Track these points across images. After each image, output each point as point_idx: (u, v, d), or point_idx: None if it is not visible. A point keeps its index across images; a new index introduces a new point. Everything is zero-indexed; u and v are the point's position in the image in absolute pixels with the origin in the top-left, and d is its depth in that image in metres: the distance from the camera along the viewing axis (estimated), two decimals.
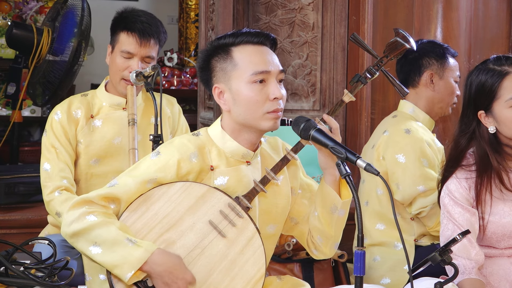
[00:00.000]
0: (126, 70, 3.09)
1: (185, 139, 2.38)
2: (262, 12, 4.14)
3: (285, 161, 2.40)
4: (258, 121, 2.33)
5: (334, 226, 2.43)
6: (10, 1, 6.01)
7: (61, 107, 3.14)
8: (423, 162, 3.25)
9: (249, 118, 2.33)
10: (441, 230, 2.68)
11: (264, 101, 2.31)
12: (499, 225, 2.63)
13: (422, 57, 3.41)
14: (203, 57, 2.39)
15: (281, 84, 2.37)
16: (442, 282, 2.33)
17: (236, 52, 2.34)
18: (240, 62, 2.32)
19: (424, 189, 3.23)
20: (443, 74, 3.41)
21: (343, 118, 4.23)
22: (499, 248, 2.68)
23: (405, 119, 3.38)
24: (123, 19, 3.12)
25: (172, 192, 2.30)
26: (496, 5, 4.28)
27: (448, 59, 3.42)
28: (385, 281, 3.33)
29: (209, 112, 4.22)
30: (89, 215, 2.23)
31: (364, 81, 2.50)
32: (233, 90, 2.33)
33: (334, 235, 2.45)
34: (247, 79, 2.31)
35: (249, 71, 2.31)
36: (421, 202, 3.24)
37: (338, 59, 4.19)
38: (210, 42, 2.42)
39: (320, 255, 2.53)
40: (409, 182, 3.24)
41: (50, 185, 3.04)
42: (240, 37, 2.35)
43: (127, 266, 2.18)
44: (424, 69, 3.41)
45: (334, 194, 2.37)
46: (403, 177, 3.25)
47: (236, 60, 2.33)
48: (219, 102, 2.37)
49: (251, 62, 2.32)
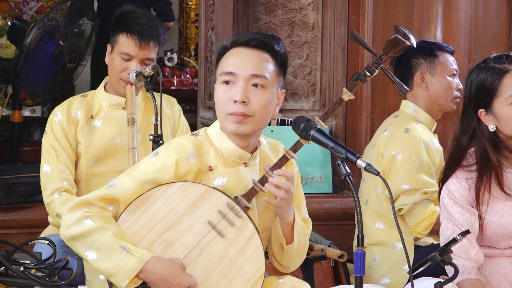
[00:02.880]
0: (124, 71, 3.09)
1: (183, 140, 2.38)
2: (262, 12, 4.14)
3: (284, 160, 2.40)
4: (222, 121, 2.37)
5: (285, 257, 2.49)
6: (10, 1, 6.01)
7: (60, 108, 3.14)
8: (414, 162, 3.26)
9: (219, 118, 2.38)
10: (441, 230, 2.68)
11: (226, 102, 2.34)
12: (499, 225, 2.62)
13: (411, 58, 3.44)
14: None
15: (257, 89, 2.34)
16: (442, 282, 2.33)
17: (228, 53, 2.39)
18: (220, 63, 2.39)
19: (408, 188, 3.25)
20: (435, 71, 3.42)
21: (343, 118, 4.23)
22: (499, 248, 2.68)
23: (406, 119, 3.39)
24: (123, 20, 3.11)
25: (170, 192, 2.30)
26: (496, 5, 4.28)
27: (437, 55, 3.43)
28: (385, 281, 3.33)
29: (209, 112, 4.21)
30: (87, 219, 2.24)
31: (363, 79, 2.50)
32: (213, 90, 2.42)
33: (284, 263, 2.52)
34: (218, 79, 2.37)
35: (219, 72, 2.37)
36: (402, 200, 3.27)
37: (338, 59, 4.19)
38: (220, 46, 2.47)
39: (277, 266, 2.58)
40: (397, 180, 3.26)
41: (50, 187, 3.04)
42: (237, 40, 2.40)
43: (121, 276, 2.20)
44: (415, 70, 3.43)
45: (280, 237, 2.43)
46: (394, 174, 3.27)
47: (220, 62, 2.39)
48: None
49: (223, 63, 2.37)
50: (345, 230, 3.77)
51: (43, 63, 4.47)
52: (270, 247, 2.52)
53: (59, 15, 4.52)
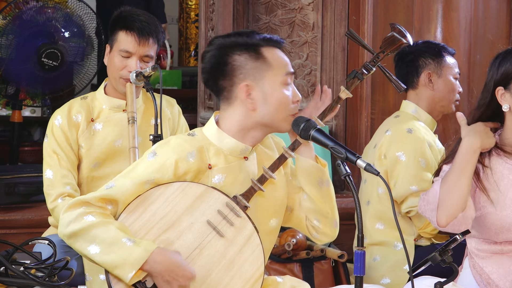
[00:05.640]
0: (124, 69, 3.08)
1: (181, 139, 2.37)
2: (262, 12, 4.14)
3: (283, 159, 2.40)
4: (282, 122, 2.35)
5: (327, 201, 2.45)
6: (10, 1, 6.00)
7: (61, 112, 3.13)
8: (420, 163, 3.26)
9: (276, 118, 2.34)
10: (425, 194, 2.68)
11: (291, 102, 2.36)
12: (498, 217, 2.62)
13: (418, 58, 3.42)
14: (222, 51, 2.36)
15: None
16: (442, 282, 2.33)
17: (267, 52, 2.35)
18: (274, 63, 2.34)
19: (416, 190, 3.24)
20: (441, 73, 3.42)
21: (343, 118, 4.24)
22: (498, 243, 2.67)
23: (407, 119, 3.39)
24: (122, 18, 3.11)
25: (169, 192, 2.30)
26: (496, 5, 4.29)
27: (444, 57, 3.43)
28: (385, 281, 3.33)
29: (209, 112, 4.22)
30: (87, 215, 2.23)
31: (360, 77, 2.50)
32: (266, 90, 2.33)
33: (329, 211, 2.47)
34: (280, 80, 2.34)
35: (283, 72, 2.34)
36: (411, 201, 3.26)
37: (338, 59, 4.19)
38: (227, 36, 2.40)
39: (323, 237, 2.52)
40: (404, 181, 3.25)
41: (53, 192, 3.03)
42: (267, 40, 2.37)
43: (127, 267, 2.18)
44: (422, 70, 3.42)
45: (317, 166, 2.41)
46: (401, 175, 3.26)
47: (269, 61, 2.34)
48: (245, 100, 2.34)
49: (282, 64, 2.35)
50: (345, 230, 3.75)
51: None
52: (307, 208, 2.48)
53: (59, 15, 4.53)
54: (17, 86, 4.74)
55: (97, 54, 4.80)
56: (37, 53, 4.50)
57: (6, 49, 4.48)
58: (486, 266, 2.68)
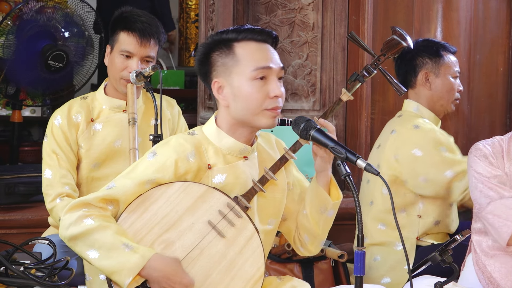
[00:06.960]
0: (125, 70, 3.07)
1: (181, 139, 2.37)
2: (262, 12, 4.14)
3: (284, 160, 2.40)
4: (256, 117, 2.32)
5: (322, 226, 2.44)
6: (10, 1, 6.00)
7: (61, 112, 3.13)
8: (441, 149, 3.24)
9: (248, 114, 2.32)
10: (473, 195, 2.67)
11: (263, 98, 2.31)
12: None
13: (416, 57, 3.42)
14: (204, 50, 2.37)
15: (281, 82, 2.36)
16: (442, 282, 2.33)
17: (239, 47, 2.32)
18: (242, 58, 2.31)
19: (452, 174, 3.21)
20: (439, 72, 3.41)
21: (343, 118, 4.23)
22: None
23: (411, 117, 3.39)
24: (123, 19, 3.11)
25: (171, 192, 2.30)
26: (496, 5, 4.29)
27: (442, 56, 3.42)
28: (385, 281, 3.33)
29: (209, 112, 4.22)
30: (87, 218, 2.23)
31: (361, 79, 2.50)
32: (234, 86, 2.32)
33: (320, 233, 2.47)
34: (248, 75, 2.30)
35: (251, 67, 2.30)
36: (458, 187, 3.23)
37: (338, 59, 4.19)
38: (211, 35, 2.40)
39: (305, 252, 2.55)
40: (434, 171, 3.23)
41: (52, 192, 3.03)
42: (243, 33, 2.33)
43: (125, 273, 2.19)
44: (419, 69, 3.42)
45: (326, 196, 2.38)
46: (426, 169, 3.24)
47: (238, 56, 2.31)
48: (218, 97, 2.36)
49: (253, 59, 2.31)
50: (345, 230, 3.77)
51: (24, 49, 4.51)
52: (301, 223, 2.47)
53: (59, 15, 4.53)
54: (19, 86, 4.74)
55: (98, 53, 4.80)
56: (42, 54, 4.50)
57: (8, 49, 4.48)
58: (489, 264, 2.68)
